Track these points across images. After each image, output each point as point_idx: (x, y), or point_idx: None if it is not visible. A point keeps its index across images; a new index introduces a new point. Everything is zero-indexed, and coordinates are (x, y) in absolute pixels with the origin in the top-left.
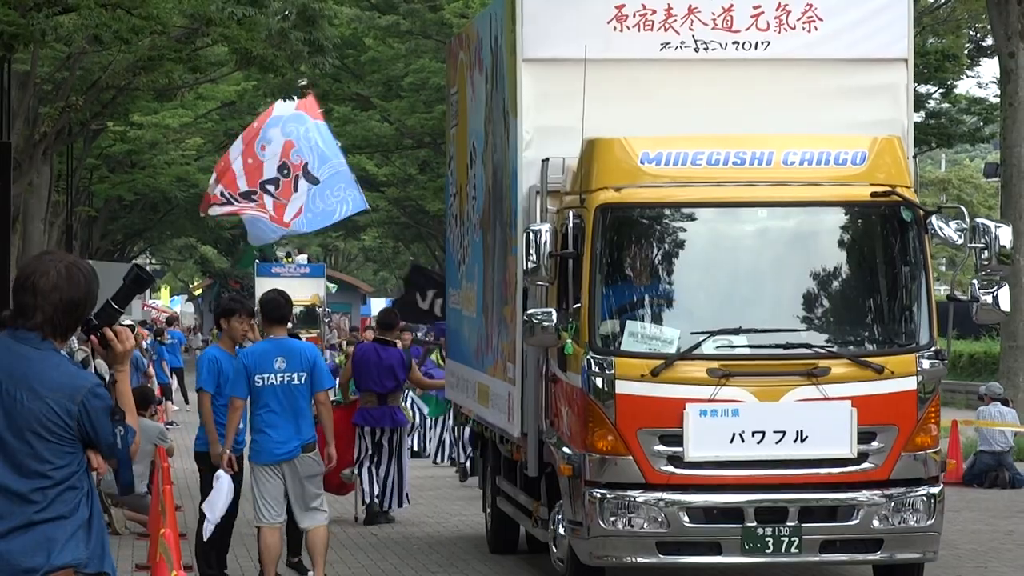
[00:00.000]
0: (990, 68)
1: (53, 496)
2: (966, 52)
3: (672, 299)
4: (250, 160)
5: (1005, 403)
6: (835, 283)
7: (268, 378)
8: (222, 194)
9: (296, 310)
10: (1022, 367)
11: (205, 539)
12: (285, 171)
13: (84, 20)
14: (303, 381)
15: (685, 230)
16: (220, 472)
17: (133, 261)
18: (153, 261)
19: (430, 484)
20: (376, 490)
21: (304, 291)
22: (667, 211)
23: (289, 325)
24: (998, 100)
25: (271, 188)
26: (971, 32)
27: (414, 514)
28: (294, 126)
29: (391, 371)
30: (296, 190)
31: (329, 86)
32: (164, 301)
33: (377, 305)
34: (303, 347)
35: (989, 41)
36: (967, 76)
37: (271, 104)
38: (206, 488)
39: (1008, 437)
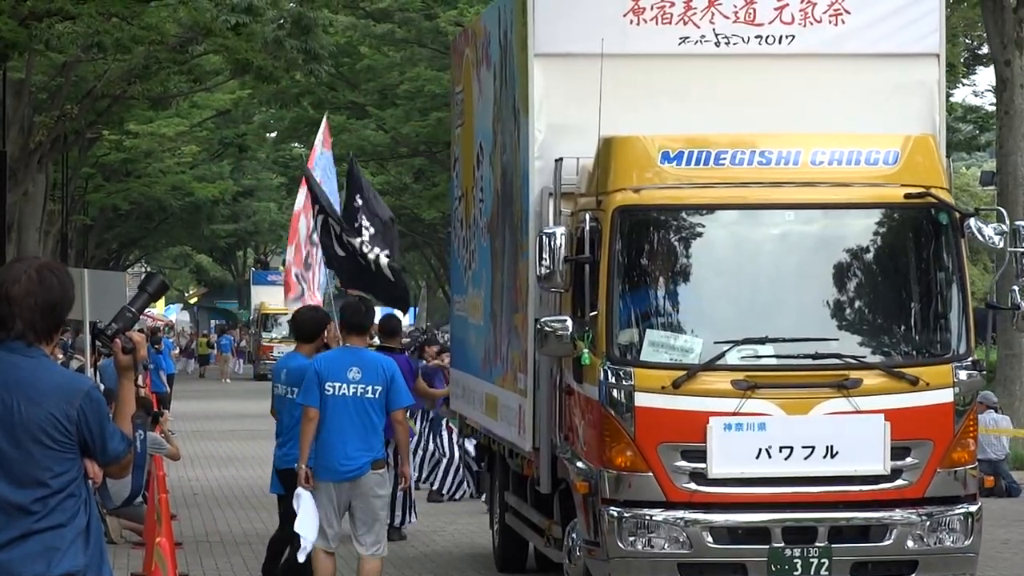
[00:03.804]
0: (986, 76)
1: (53, 505)
2: (962, 60)
3: (694, 306)
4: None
5: (996, 411)
6: (866, 290)
7: (340, 388)
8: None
9: None
10: (1019, 375)
11: (301, 561)
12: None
13: (86, 28)
14: (377, 395)
15: (708, 234)
16: (299, 490)
17: (147, 269)
18: (148, 270)
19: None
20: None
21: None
22: (689, 213)
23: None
24: (994, 108)
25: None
26: (967, 40)
27: (415, 527)
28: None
29: None
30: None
31: (324, 94)
32: (159, 310)
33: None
34: (381, 360)
35: (985, 49)
36: (963, 84)
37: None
38: (288, 507)
39: (1004, 445)
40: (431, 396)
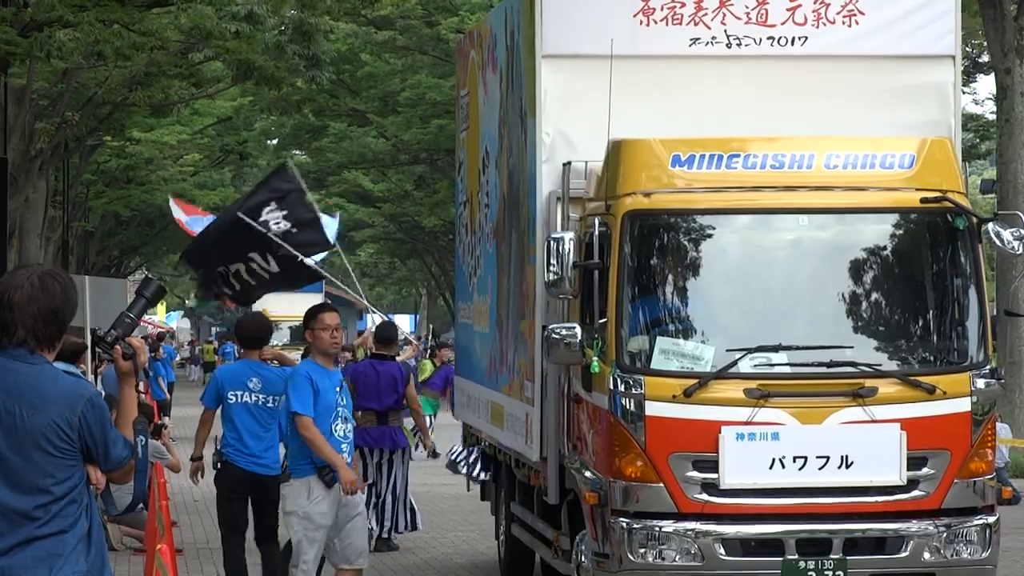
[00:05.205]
0: (986, 85)
1: (55, 511)
2: (962, 69)
3: (706, 313)
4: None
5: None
6: (882, 296)
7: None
8: None
9: (294, 324)
10: (1019, 383)
11: None
12: None
13: (85, 35)
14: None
15: (720, 239)
16: None
17: (146, 275)
18: (148, 276)
19: (432, 507)
20: (375, 519)
21: (303, 307)
22: (700, 218)
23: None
24: (994, 117)
25: None
26: (967, 49)
27: (416, 537)
28: (201, 224)
29: (392, 384)
30: None
31: (326, 101)
32: (160, 317)
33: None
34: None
35: (985, 58)
36: (963, 93)
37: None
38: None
39: (1004, 453)
40: (416, 409)
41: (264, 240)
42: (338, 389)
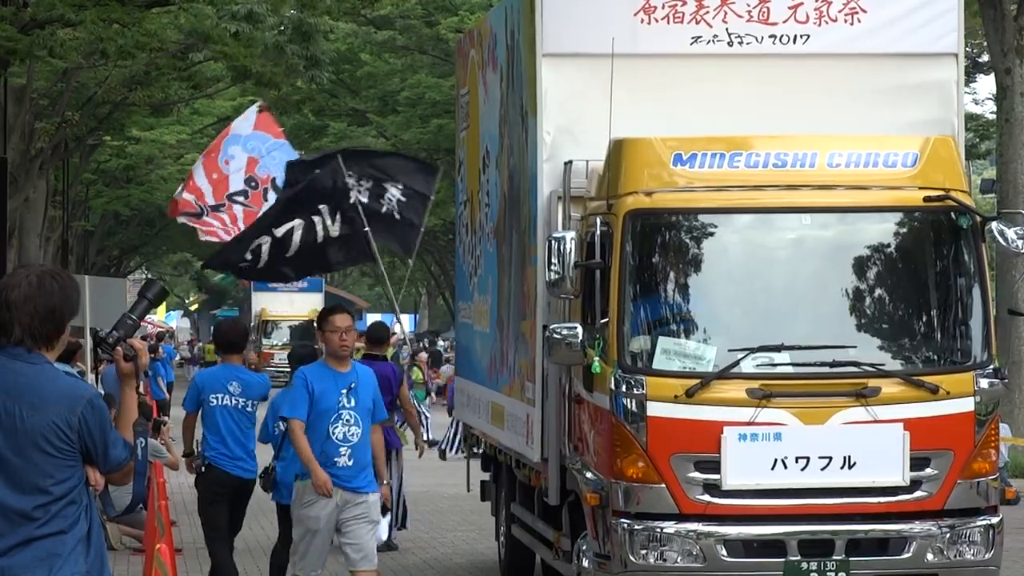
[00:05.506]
0: (986, 84)
1: (54, 512)
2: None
3: (708, 313)
4: (215, 175)
5: None
6: (885, 296)
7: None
8: (195, 203)
9: (294, 324)
10: (1019, 383)
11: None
12: (253, 183)
13: (88, 34)
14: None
15: (721, 238)
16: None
17: (147, 276)
18: (148, 276)
19: (432, 507)
20: None
21: (302, 305)
22: (702, 217)
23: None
24: (994, 116)
25: (240, 199)
26: (967, 49)
27: (416, 537)
28: (256, 144)
29: (386, 383)
30: (266, 200)
31: (325, 101)
32: (160, 316)
33: (373, 320)
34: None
35: (985, 58)
36: (963, 92)
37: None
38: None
39: (1003, 453)
40: (408, 410)
41: (344, 194)
42: (345, 391)
